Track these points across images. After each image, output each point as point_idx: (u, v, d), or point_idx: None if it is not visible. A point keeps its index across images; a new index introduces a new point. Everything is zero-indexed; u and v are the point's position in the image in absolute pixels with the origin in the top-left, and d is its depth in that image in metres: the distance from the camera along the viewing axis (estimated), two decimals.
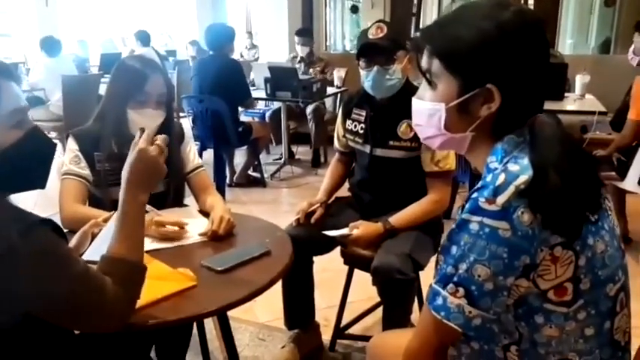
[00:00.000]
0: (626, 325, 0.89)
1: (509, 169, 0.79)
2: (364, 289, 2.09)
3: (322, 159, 4.92)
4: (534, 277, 0.79)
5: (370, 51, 1.85)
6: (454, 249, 0.81)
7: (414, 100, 0.94)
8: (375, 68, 1.83)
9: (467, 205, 0.80)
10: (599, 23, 7.05)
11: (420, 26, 6.41)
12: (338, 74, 4.65)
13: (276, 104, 4.75)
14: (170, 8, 9.76)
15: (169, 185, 1.68)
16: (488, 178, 0.81)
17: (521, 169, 0.79)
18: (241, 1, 9.54)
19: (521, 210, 0.75)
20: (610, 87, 3.65)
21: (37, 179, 0.99)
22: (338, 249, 1.98)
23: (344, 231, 1.83)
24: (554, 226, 0.76)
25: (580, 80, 3.75)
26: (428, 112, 0.90)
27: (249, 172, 4.39)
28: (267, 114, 4.84)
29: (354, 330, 2.19)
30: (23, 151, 0.93)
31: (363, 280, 2.01)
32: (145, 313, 1.06)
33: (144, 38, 5.79)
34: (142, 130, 1.09)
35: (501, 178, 0.78)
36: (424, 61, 0.89)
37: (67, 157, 1.62)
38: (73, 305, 0.89)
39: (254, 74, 4.77)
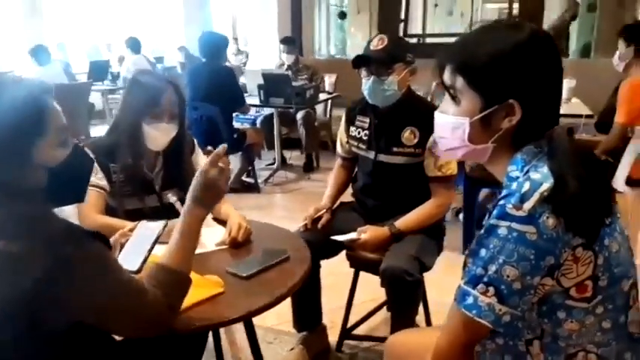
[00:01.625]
0: (638, 318, 0.96)
1: (532, 177, 0.86)
2: (367, 291, 2.16)
3: (315, 164, 4.97)
4: (558, 276, 0.86)
5: (365, 61, 1.92)
6: (483, 252, 0.87)
7: (437, 114, 1.00)
8: (372, 78, 1.90)
9: (494, 212, 0.87)
10: (579, 28, 7.27)
11: (408, 32, 6.53)
12: (329, 80, 4.71)
13: (267, 110, 4.80)
14: (154, 15, 9.73)
15: (183, 195, 1.72)
16: (514, 185, 0.87)
17: (543, 177, 0.85)
18: (227, 7, 9.56)
19: (546, 215, 0.82)
20: (593, 90, 3.77)
21: (79, 193, 1.04)
22: (342, 253, 2.04)
23: (352, 235, 1.89)
24: (576, 228, 0.83)
25: (567, 84, 3.88)
26: (452, 126, 0.96)
27: (243, 177, 4.43)
28: (259, 120, 4.88)
29: (358, 331, 2.24)
30: (69, 167, 0.97)
31: (365, 282, 2.08)
32: (181, 319, 1.10)
33: (135, 45, 5.78)
34: (209, 152, 1.16)
35: (526, 185, 0.84)
36: (447, 78, 0.95)
37: None
38: (119, 309, 0.95)
39: (246, 80, 4.81)
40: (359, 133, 2.05)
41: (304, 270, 1.36)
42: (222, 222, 1.65)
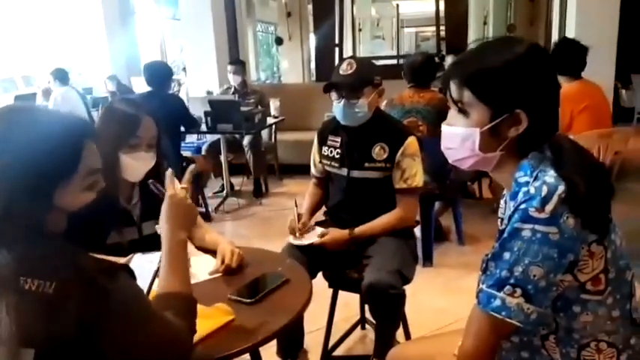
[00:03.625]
0: (637, 305, 1.05)
1: (548, 180, 0.92)
2: (339, 311, 2.19)
3: (263, 188, 4.94)
4: (575, 272, 0.93)
5: (337, 86, 1.99)
6: (507, 255, 0.92)
7: (445, 127, 1.06)
8: (343, 101, 1.97)
9: (516, 216, 0.92)
10: None
11: (343, 56, 6.73)
12: (274, 104, 4.74)
13: (209, 137, 4.72)
14: (75, 45, 9.35)
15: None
16: (531, 190, 0.92)
17: (556, 181, 0.92)
18: (154, 34, 9.41)
19: (566, 215, 0.88)
20: None
21: (98, 241, 1.00)
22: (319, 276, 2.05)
23: (314, 237, 1.97)
24: (591, 225, 0.90)
25: None
26: (461, 137, 1.02)
27: None
28: (204, 147, 4.79)
29: (337, 352, 2.25)
30: (90, 213, 0.94)
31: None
32: (199, 351, 1.06)
33: (62, 77, 5.51)
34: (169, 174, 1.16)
35: (545, 189, 0.90)
36: (454, 92, 1.01)
37: None
38: (152, 339, 0.91)
39: (189, 107, 4.72)
40: (331, 152, 2.10)
41: (308, 290, 1.36)
42: (208, 251, 1.61)
